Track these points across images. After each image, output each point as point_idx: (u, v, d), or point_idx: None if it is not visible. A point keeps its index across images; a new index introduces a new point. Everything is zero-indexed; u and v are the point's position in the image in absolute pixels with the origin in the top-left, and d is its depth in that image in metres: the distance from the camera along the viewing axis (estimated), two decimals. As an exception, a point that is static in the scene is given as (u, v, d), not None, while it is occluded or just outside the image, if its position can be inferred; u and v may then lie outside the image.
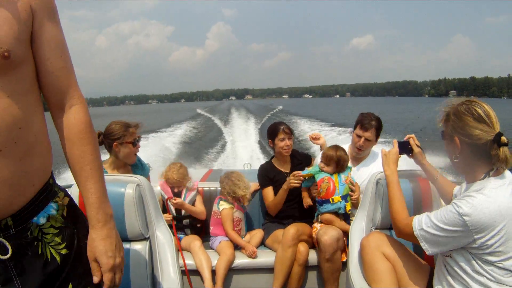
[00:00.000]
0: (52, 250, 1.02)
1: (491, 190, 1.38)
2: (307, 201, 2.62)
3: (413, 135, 1.98)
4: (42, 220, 1.01)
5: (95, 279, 1.08)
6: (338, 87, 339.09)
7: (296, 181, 2.57)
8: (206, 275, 2.39)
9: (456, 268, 1.49)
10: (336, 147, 2.55)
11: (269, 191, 2.79)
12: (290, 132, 2.80)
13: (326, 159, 2.50)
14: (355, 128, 2.75)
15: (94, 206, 1.07)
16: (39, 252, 1.00)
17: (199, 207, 2.71)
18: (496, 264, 1.39)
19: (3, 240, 0.93)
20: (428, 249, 1.51)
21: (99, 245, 1.07)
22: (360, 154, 2.75)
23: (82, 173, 1.07)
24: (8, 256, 0.94)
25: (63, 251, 1.05)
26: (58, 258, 1.03)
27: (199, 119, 29.61)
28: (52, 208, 1.05)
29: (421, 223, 1.51)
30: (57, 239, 1.04)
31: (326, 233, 2.35)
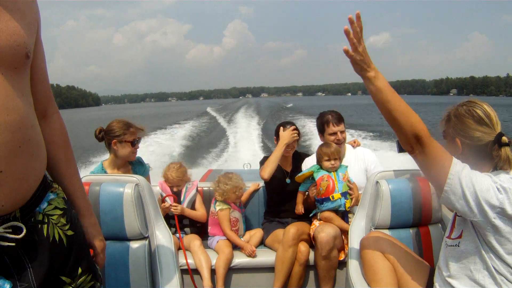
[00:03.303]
0: (60, 231, 1.06)
1: (504, 181, 1.35)
2: (299, 207, 2.62)
3: None
4: (43, 206, 1.05)
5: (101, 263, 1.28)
6: (350, 85, 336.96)
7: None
8: (206, 274, 2.39)
9: (459, 258, 1.44)
10: (327, 144, 2.58)
11: None
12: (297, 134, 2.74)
13: (332, 155, 2.49)
14: (323, 131, 2.76)
15: (83, 197, 1.24)
16: (47, 234, 1.02)
17: (200, 210, 2.71)
18: (502, 256, 1.34)
19: (16, 223, 0.95)
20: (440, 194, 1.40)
21: (92, 231, 1.25)
22: (342, 148, 2.74)
23: (69, 170, 1.20)
24: (22, 234, 0.95)
25: (69, 232, 1.08)
26: (65, 240, 1.06)
27: (204, 118, 28.88)
28: (50, 197, 1.09)
29: (462, 176, 1.34)
30: (63, 220, 1.08)
31: (323, 230, 2.34)
